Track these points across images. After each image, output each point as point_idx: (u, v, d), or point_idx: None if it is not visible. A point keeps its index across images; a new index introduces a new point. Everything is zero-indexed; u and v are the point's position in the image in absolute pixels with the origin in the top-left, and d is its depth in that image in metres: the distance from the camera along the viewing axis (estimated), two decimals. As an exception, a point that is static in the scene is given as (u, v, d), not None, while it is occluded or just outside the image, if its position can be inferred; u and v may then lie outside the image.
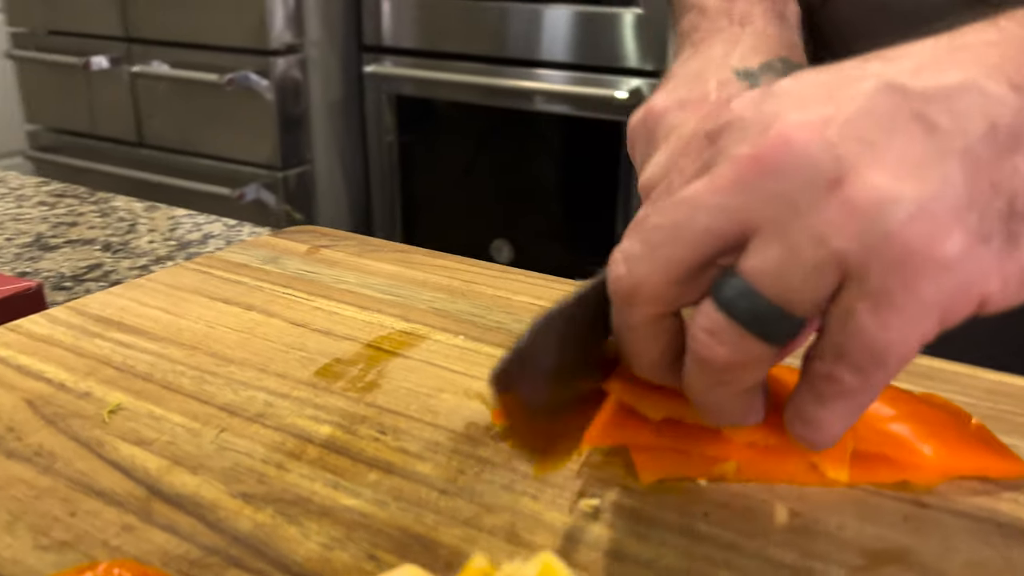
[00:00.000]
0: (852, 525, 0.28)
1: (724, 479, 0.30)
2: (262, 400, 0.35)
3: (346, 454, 0.32)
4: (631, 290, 0.25)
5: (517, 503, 0.29)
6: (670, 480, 0.30)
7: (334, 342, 0.40)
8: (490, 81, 1.86)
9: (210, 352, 0.39)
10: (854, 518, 0.28)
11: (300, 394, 0.36)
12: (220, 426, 0.33)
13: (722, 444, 0.30)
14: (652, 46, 1.68)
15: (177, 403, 0.35)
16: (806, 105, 0.24)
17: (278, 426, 0.33)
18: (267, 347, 0.40)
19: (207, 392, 0.36)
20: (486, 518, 0.28)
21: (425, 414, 0.34)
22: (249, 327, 0.42)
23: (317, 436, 0.33)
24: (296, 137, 1.97)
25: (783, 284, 0.23)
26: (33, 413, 0.34)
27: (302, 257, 0.51)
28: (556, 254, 1.99)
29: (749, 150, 0.23)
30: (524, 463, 0.31)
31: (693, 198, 0.24)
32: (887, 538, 0.28)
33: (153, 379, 0.37)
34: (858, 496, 0.30)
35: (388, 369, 0.38)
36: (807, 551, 0.27)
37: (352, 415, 0.34)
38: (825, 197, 0.22)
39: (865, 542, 0.27)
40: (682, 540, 0.27)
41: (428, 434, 0.33)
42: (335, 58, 2.01)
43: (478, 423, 0.34)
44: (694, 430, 0.30)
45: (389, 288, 0.47)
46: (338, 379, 0.37)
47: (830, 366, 0.24)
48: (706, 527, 0.28)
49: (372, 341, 0.41)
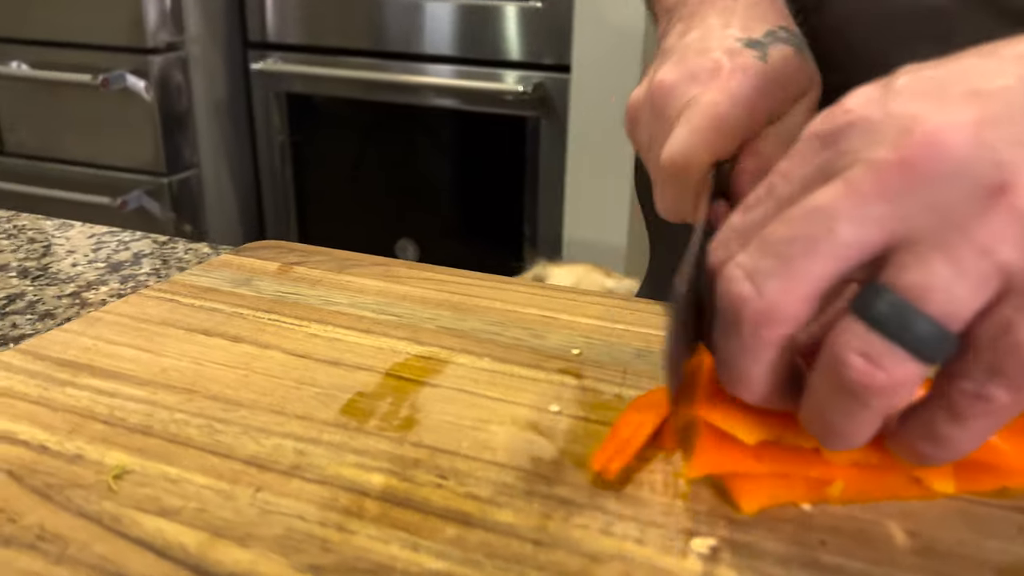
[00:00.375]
0: (971, 540, 0.27)
1: (827, 501, 0.28)
2: (291, 448, 0.31)
3: (411, 506, 0.28)
4: (763, 311, 0.23)
5: (623, 549, 0.26)
6: (772, 507, 0.28)
7: (347, 373, 0.36)
8: (381, 76, 1.81)
9: (209, 395, 0.34)
10: (970, 532, 0.27)
11: (332, 438, 0.32)
12: (254, 484, 0.29)
13: (824, 465, 0.28)
14: (551, 40, 1.67)
15: (192, 459, 0.30)
16: (946, 105, 0.22)
17: (321, 479, 0.29)
18: (274, 384, 0.35)
19: (223, 444, 0.31)
20: (597, 570, 0.25)
21: (481, 451, 0.31)
22: (244, 362, 0.37)
23: (371, 487, 0.29)
24: (180, 140, 1.85)
25: (948, 299, 0.21)
26: (20, 487, 0.28)
27: (275, 277, 0.46)
28: (462, 252, 1.96)
29: (893, 154, 0.21)
30: (610, 502, 0.28)
31: (830, 208, 0.22)
32: (1011, 551, 0.26)
33: (153, 432, 0.32)
34: (962, 507, 0.28)
35: (420, 401, 0.34)
36: (941, 574, 0.25)
37: (401, 459, 0.30)
38: (988, 205, 0.21)
39: (991, 557, 0.26)
40: (811, 574, 0.25)
41: (493, 474, 0.30)
42: (218, 56, 1.90)
43: (543, 458, 0.31)
44: (793, 452, 0.28)
45: (385, 307, 0.43)
46: (369, 417, 0.33)
47: (980, 385, 0.22)
48: (830, 558, 0.26)
49: (390, 370, 0.37)
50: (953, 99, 0.22)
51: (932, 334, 0.21)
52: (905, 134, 0.21)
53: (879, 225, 0.21)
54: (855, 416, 0.23)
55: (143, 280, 0.49)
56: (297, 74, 1.90)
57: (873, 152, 0.22)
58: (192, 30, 1.81)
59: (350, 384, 0.35)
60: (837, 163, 0.23)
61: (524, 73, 1.73)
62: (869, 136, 0.22)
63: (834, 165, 0.23)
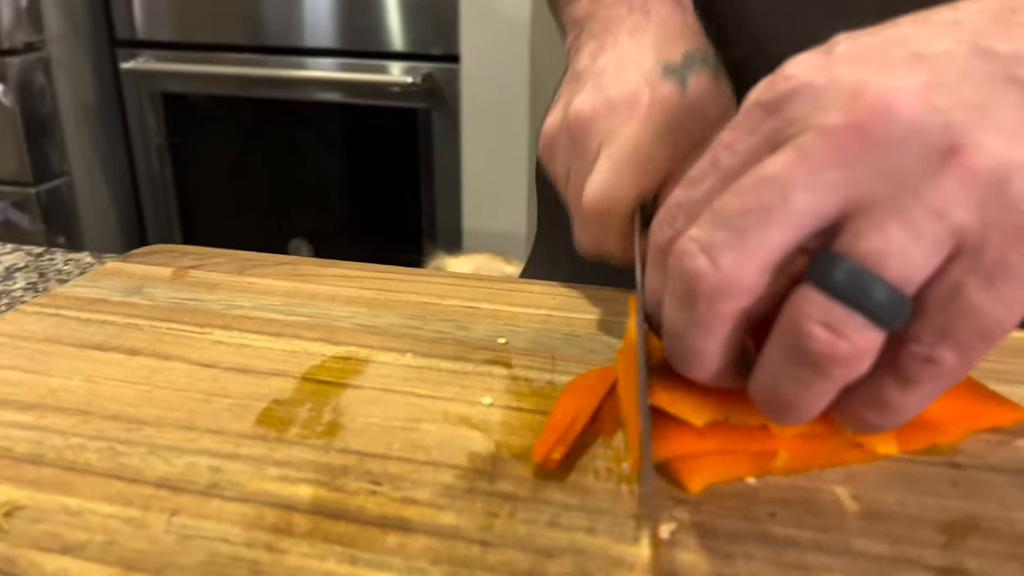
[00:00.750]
0: (912, 500, 0.27)
1: (771, 473, 0.28)
2: (206, 466, 0.28)
3: (345, 517, 0.26)
4: (720, 284, 0.22)
5: (574, 541, 0.25)
6: (717, 483, 0.28)
7: (260, 381, 0.34)
8: (260, 72, 1.74)
9: (108, 415, 0.31)
10: (909, 492, 0.27)
11: (250, 451, 0.29)
12: (168, 509, 0.26)
13: (769, 439, 0.28)
14: (438, 30, 1.65)
15: (94, 487, 0.27)
16: (892, 69, 0.22)
17: (243, 496, 0.27)
18: (180, 398, 0.32)
19: (129, 467, 0.28)
20: (550, 566, 0.24)
21: (414, 452, 0.29)
22: (144, 376, 0.34)
23: (299, 501, 0.27)
24: (46, 147, 1.73)
25: (905, 264, 0.21)
26: None
27: (170, 283, 0.43)
28: (358, 249, 1.91)
29: (844, 119, 0.21)
30: (554, 493, 0.27)
31: (783, 176, 0.21)
32: (951, 508, 0.27)
33: (45, 461, 0.29)
34: (898, 467, 0.29)
35: (342, 405, 0.32)
36: (890, 536, 0.25)
37: (328, 467, 0.28)
38: (940, 167, 0.20)
39: (933, 515, 0.26)
40: (765, 550, 0.25)
41: (429, 476, 0.28)
42: (84, 55, 1.79)
43: (480, 453, 0.29)
44: (737, 429, 0.28)
45: (294, 308, 0.40)
46: (288, 425, 0.31)
47: (929, 348, 0.22)
48: (780, 529, 0.26)
49: (307, 373, 0.34)
50: (897, 64, 0.21)
51: (891, 299, 0.21)
52: (855, 99, 0.21)
53: (833, 191, 0.21)
54: (813, 388, 0.23)
55: (18, 296, 0.44)
56: (171, 72, 1.81)
57: (822, 118, 0.21)
58: (52, 29, 1.70)
59: (264, 392, 0.33)
60: (785, 131, 0.22)
61: (411, 64, 1.70)
62: (816, 102, 0.22)
63: (781, 133, 0.22)
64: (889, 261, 0.21)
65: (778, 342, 0.23)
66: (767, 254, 0.22)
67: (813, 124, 0.21)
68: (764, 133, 0.23)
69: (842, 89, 0.21)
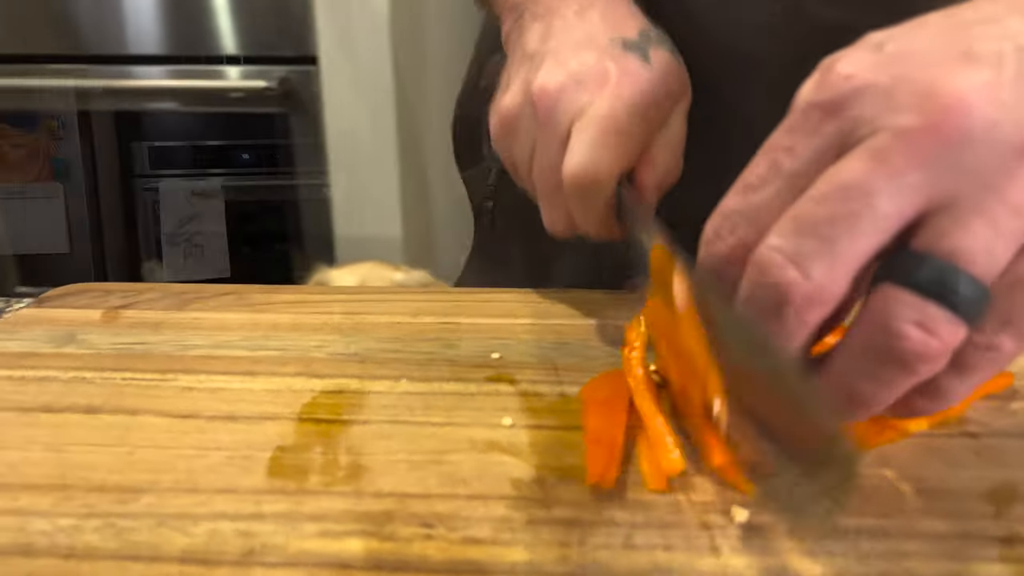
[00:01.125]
0: (949, 474, 0.28)
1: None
2: (231, 531, 0.25)
3: (410, 568, 0.24)
4: (811, 294, 0.22)
5: (657, 560, 0.24)
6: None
7: (252, 427, 0.31)
8: (80, 83, 1.62)
9: (91, 486, 0.27)
10: (944, 466, 0.28)
11: (275, 508, 0.26)
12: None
13: None
14: (290, 31, 1.58)
15: (107, 574, 0.24)
16: (954, 68, 0.22)
17: (287, 560, 0.24)
18: (168, 457, 0.29)
19: (142, 544, 0.25)
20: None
21: (455, 486, 0.27)
22: (117, 436, 0.30)
23: (352, 557, 0.24)
24: None
25: (989, 260, 0.21)
26: None
27: (104, 326, 0.39)
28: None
29: (920, 120, 0.21)
30: (616, 512, 0.26)
31: (865, 182, 0.21)
32: (985, 477, 0.28)
33: (37, 551, 0.25)
34: (920, 444, 0.30)
35: (355, 443, 0.30)
36: (946, 513, 0.26)
37: (368, 515, 0.26)
38: (1017, 164, 0.21)
39: (973, 487, 0.27)
40: (841, 544, 0.25)
41: (481, 510, 0.26)
42: None
43: (523, 479, 0.28)
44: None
45: (258, 342, 0.37)
46: (305, 474, 0.28)
47: (991, 336, 0.23)
48: (846, 520, 0.26)
49: (301, 413, 0.32)
50: (956, 63, 0.22)
51: (976, 294, 0.21)
52: (928, 99, 0.21)
53: (915, 193, 0.21)
54: (895, 385, 0.23)
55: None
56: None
57: (896, 119, 0.21)
58: None
59: (262, 440, 0.30)
60: (854, 133, 0.22)
61: (262, 68, 1.63)
62: (885, 102, 0.22)
63: (850, 135, 0.22)
64: (976, 257, 0.21)
65: (860, 343, 0.23)
66: (856, 261, 0.22)
67: (886, 125, 0.21)
68: (827, 136, 0.23)
69: (913, 90, 0.21)
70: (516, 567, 0.24)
